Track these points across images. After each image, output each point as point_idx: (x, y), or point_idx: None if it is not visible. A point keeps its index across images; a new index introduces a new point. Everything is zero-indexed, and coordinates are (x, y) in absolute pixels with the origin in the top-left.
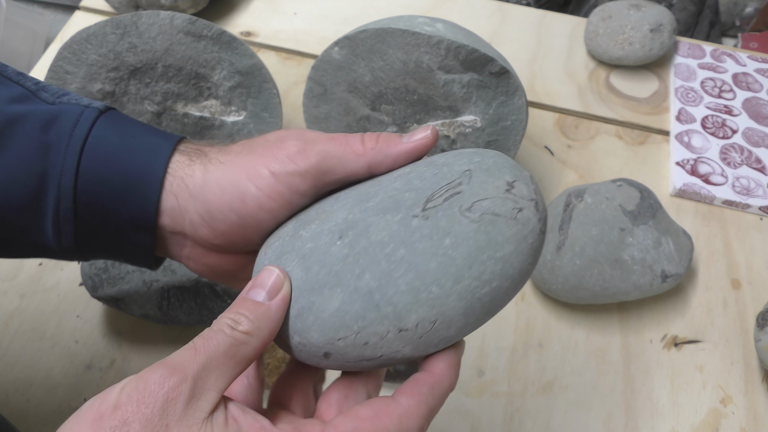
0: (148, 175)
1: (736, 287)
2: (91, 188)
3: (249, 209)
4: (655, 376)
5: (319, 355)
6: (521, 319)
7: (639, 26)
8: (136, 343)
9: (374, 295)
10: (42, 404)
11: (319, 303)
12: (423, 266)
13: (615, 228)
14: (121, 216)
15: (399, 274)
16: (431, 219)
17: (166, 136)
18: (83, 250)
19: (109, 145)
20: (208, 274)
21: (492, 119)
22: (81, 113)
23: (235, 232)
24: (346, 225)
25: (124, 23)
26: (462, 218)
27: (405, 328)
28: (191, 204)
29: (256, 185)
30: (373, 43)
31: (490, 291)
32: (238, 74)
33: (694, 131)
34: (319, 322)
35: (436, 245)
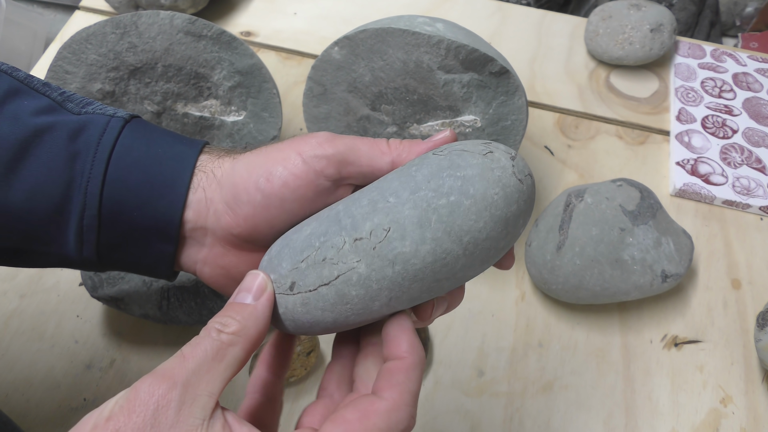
0: (174, 182)
1: (736, 287)
2: (117, 196)
3: (274, 187)
4: (655, 376)
5: (285, 289)
6: (521, 319)
7: (639, 26)
8: (136, 343)
9: (339, 215)
10: (42, 404)
11: (296, 236)
12: (386, 185)
13: (615, 228)
14: (145, 223)
15: (363, 196)
16: (405, 166)
17: (192, 144)
18: (104, 260)
19: (136, 153)
20: (222, 280)
21: (492, 119)
22: (108, 122)
23: (258, 214)
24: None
25: (124, 23)
26: (432, 156)
27: (359, 237)
28: (218, 193)
29: (283, 165)
30: (373, 42)
31: (447, 204)
32: (238, 74)
33: (695, 131)
34: (290, 251)
35: (402, 172)
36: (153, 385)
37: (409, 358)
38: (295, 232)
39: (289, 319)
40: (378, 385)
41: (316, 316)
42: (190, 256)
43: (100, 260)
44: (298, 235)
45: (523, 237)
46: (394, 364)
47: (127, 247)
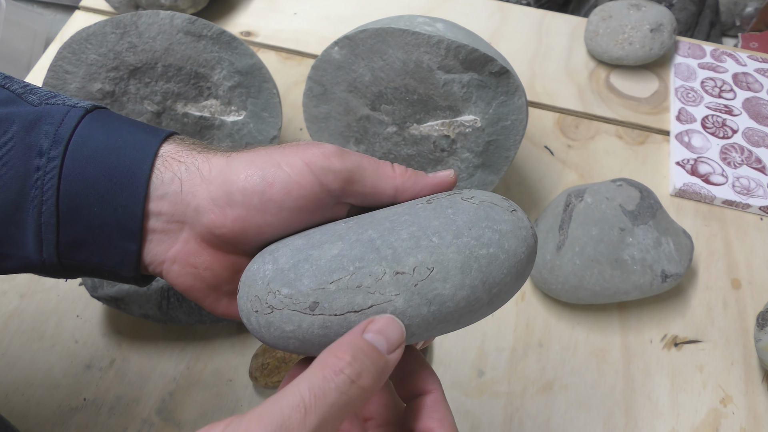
0: (134, 172)
1: (736, 287)
2: (74, 189)
3: (275, 193)
4: (655, 376)
5: (304, 308)
6: (521, 319)
7: (639, 26)
8: (136, 342)
9: (375, 242)
10: (42, 404)
11: (318, 254)
12: (425, 222)
13: (615, 228)
14: (106, 218)
15: (402, 228)
16: (434, 202)
17: (155, 132)
18: (65, 263)
19: (93, 143)
20: (190, 280)
21: (492, 119)
22: (66, 113)
23: (251, 218)
24: (351, 221)
25: (124, 23)
26: (462, 202)
27: (402, 271)
28: (202, 188)
29: (289, 171)
30: (373, 42)
31: (487, 255)
32: (238, 74)
33: (694, 131)
34: (314, 269)
35: (438, 213)
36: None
37: (438, 390)
38: (312, 248)
39: (296, 339)
40: (425, 425)
41: (331, 341)
42: (157, 255)
43: (61, 262)
44: (320, 253)
45: None
46: (429, 399)
47: (88, 247)
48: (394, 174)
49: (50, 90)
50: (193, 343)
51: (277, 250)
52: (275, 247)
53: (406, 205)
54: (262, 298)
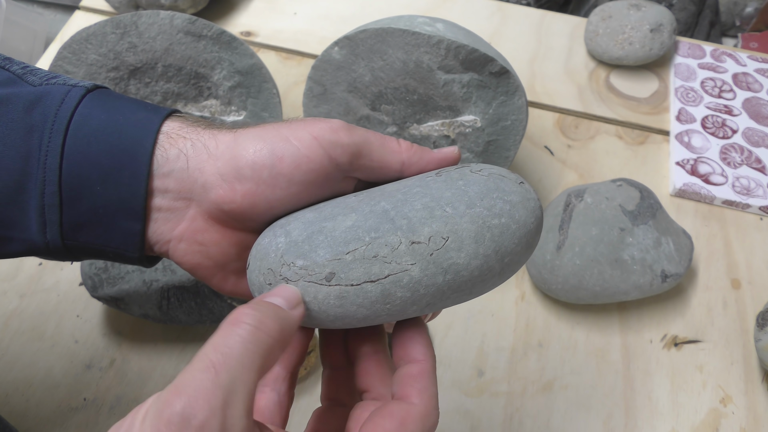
0: (136, 150)
1: (736, 287)
2: (77, 169)
3: (285, 166)
4: (655, 376)
5: (320, 279)
6: (521, 319)
7: (639, 26)
8: (136, 342)
9: (389, 213)
10: (42, 404)
11: (331, 225)
12: (438, 194)
13: (615, 228)
14: (109, 198)
15: (415, 199)
16: (444, 175)
17: (157, 110)
18: (69, 245)
19: (95, 122)
20: (197, 258)
21: (492, 119)
22: (67, 92)
23: (261, 192)
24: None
25: (124, 23)
26: (472, 174)
27: (417, 240)
28: (209, 164)
29: (298, 144)
30: (373, 42)
31: (499, 225)
32: (238, 74)
33: (694, 131)
34: (329, 240)
35: (449, 185)
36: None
37: (428, 362)
38: (324, 220)
39: (315, 310)
40: (404, 392)
41: (349, 311)
42: (163, 234)
43: (65, 244)
44: (333, 224)
45: None
46: (415, 368)
47: (92, 227)
48: (400, 149)
49: (51, 71)
50: (193, 343)
51: (288, 224)
52: (286, 221)
53: (415, 178)
54: (276, 270)
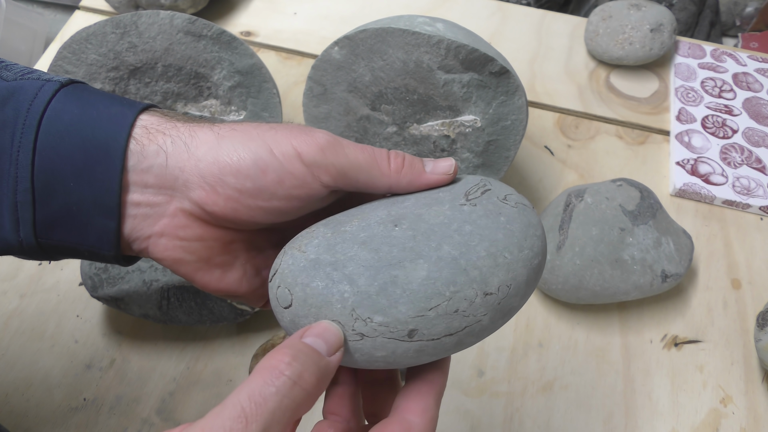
0: (109, 145)
1: (736, 287)
2: (50, 165)
3: (268, 181)
4: (655, 376)
5: (402, 336)
6: (521, 319)
7: (639, 26)
8: (136, 342)
9: (459, 261)
10: (42, 404)
11: (404, 275)
12: (493, 236)
13: (615, 228)
14: (82, 194)
15: (475, 243)
16: (479, 205)
17: (132, 105)
18: (43, 243)
19: (68, 117)
20: (178, 253)
21: (492, 119)
22: (40, 87)
23: (243, 201)
24: (394, 217)
25: (124, 23)
26: (503, 204)
27: (490, 291)
28: (190, 163)
29: (281, 161)
30: (373, 42)
31: (538, 264)
32: (238, 74)
33: (695, 131)
34: (408, 294)
35: (495, 222)
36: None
37: (439, 384)
38: (391, 267)
39: (385, 361)
40: (407, 406)
41: (419, 360)
42: (142, 230)
43: (39, 243)
44: (405, 274)
45: None
46: (425, 386)
47: (66, 225)
48: (389, 172)
49: (27, 67)
50: (193, 343)
51: (342, 265)
52: (331, 256)
53: (447, 203)
54: (348, 324)
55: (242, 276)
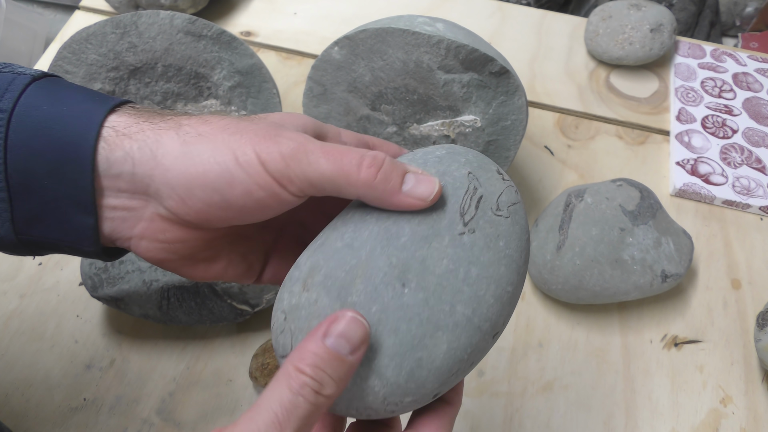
0: (79, 143)
1: (736, 287)
2: (22, 163)
3: (236, 194)
4: (655, 376)
5: (428, 399)
6: (521, 319)
7: (639, 26)
8: (136, 342)
9: (473, 320)
10: (42, 404)
11: (427, 356)
12: (497, 274)
13: (615, 228)
14: (58, 192)
15: (483, 291)
16: (478, 231)
17: (104, 101)
18: (23, 239)
19: (38, 113)
20: (162, 254)
21: (492, 119)
22: (11, 81)
23: (214, 213)
24: (398, 270)
25: (124, 23)
26: (498, 218)
27: (498, 331)
28: (158, 172)
29: (247, 171)
30: (373, 42)
31: (525, 264)
32: (238, 74)
33: (694, 131)
34: (433, 372)
35: (496, 251)
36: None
37: (456, 407)
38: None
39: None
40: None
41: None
42: (122, 231)
43: (19, 239)
44: (429, 354)
45: None
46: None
47: (45, 222)
48: (357, 179)
49: (4, 62)
50: (193, 343)
51: (366, 357)
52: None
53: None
54: (379, 409)
55: (227, 265)
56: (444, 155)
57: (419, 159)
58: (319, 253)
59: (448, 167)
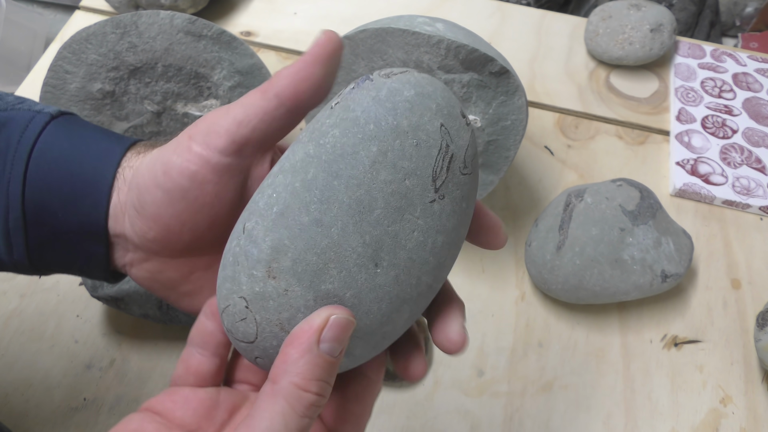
0: (97, 181)
1: (736, 287)
2: (39, 197)
3: (173, 180)
4: (655, 376)
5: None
6: (521, 319)
7: (639, 26)
8: (136, 342)
9: (433, 286)
10: (41, 404)
11: (391, 329)
12: (457, 237)
13: (615, 228)
14: (70, 225)
15: (445, 257)
16: (447, 196)
17: (120, 141)
18: (36, 263)
19: (58, 150)
20: (150, 284)
21: (492, 119)
22: (31, 119)
23: (164, 212)
24: (371, 249)
25: (124, 23)
26: (464, 177)
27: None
28: (128, 197)
29: (177, 153)
30: (373, 42)
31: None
32: (238, 74)
33: (694, 131)
34: (393, 337)
35: (460, 214)
36: None
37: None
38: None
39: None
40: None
41: None
42: (120, 258)
43: (31, 262)
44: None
45: (523, 237)
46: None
47: (57, 248)
48: (268, 85)
49: (18, 96)
50: None
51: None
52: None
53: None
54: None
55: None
56: (413, 98)
57: (387, 102)
58: (282, 227)
59: (420, 119)
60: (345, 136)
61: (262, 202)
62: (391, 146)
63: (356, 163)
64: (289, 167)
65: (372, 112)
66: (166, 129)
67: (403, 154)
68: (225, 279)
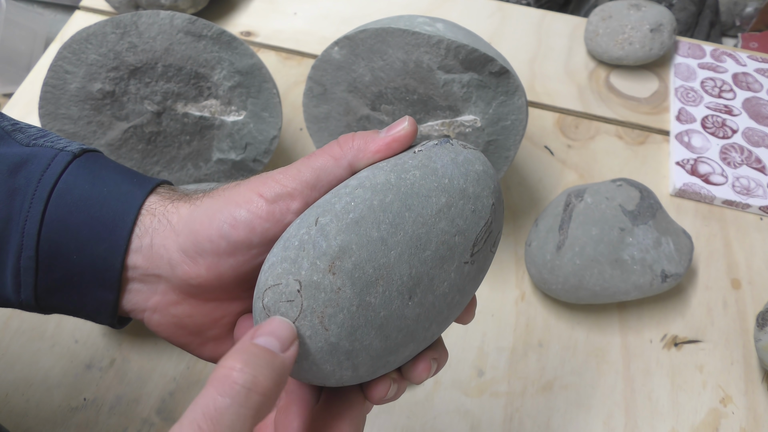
0: (116, 224)
1: (736, 287)
2: (55, 237)
3: (240, 234)
4: (655, 376)
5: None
6: (521, 319)
7: (639, 26)
8: (136, 342)
9: (436, 334)
10: (42, 404)
11: (394, 360)
12: (469, 297)
13: (615, 228)
14: (84, 267)
15: (455, 312)
16: (476, 263)
17: (143, 183)
18: (42, 305)
19: (78, 192)
20: (172, 329)
21: (492, 119)
22: (54, 157)
23: (224, 263)
24: (413, 282)
25: (124, 23)
26: (489, 254)
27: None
28: (173, 240)
29: (247, 209)
30: (373, 42)
31: None
32: (238, 74)
33: (694, 131)
34: (391, 369)
35: (477, 281)
36: None
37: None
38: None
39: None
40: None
41: None
42: (138, 303)
43: (38, 304)
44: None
45: (523, 237)
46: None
47: (66, 292)
48: (342, 152)
49: (40, 129)
50: None
51: (356, 354)
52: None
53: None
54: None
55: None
56: (481, 173)
57: (462, 167)
58: (353, 233)
59: (481, 191)
60: (424, 179)
61: (339, 206)
62: (455, 203)
63: (427, 204)
64: (370, 186)
65: (449, 169)
66: (166, 129)
67: (462, 214)
68: (284, 259)
